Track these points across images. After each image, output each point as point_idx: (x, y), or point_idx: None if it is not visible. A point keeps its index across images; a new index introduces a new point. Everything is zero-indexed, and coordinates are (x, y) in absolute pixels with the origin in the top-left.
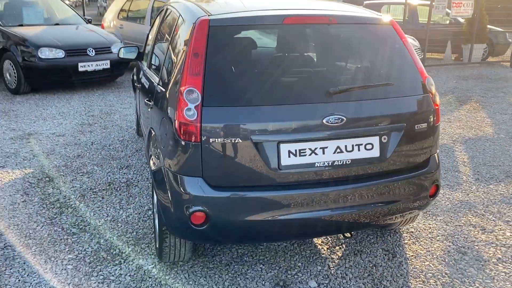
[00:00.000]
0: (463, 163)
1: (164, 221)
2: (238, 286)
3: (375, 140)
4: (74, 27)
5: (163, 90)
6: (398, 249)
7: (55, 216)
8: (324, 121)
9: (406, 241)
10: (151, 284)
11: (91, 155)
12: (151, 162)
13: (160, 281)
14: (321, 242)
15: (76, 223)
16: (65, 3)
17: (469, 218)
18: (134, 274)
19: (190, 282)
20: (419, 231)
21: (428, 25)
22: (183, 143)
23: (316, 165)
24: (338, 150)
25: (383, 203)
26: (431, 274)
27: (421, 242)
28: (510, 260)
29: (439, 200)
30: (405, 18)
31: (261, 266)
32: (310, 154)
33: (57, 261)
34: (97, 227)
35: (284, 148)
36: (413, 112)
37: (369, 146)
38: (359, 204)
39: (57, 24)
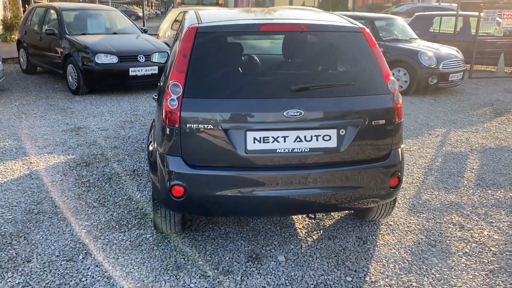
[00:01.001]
0: (471, 170)
1: (154, 194)
2: (217, 255)
3: (333, 132)
4: (130, 36)
5: (162, 86)
6: (371, 237)
7: (83, 193)
8: (284, 113)
9: (381, 232)
10: (145, 249)
11: (125, 147)
12: (150, 146)
13: (153, 247)
14: (302, 227)
15: (98, 199)
16: (125, 16)
17: (453, 217)
18: (134, 240)
19: (177, 249)
20: (397, 224)
21: (475, 36)
22: (167, 128)
23: (277, 151)
24: (298, 140)
25: (341, 189)
26: (393, 260)
27: (395, 234)
28: (475, 254)
29: (429, 199)
30: (456, 30)
31: (241, 241)
32: (272, 142)
33: (75, 226)
34: (115, 203)
35: (250, 135)
36: (371, 109)
37: (327, 138)
38: (317, 188)
39: (115, 33)
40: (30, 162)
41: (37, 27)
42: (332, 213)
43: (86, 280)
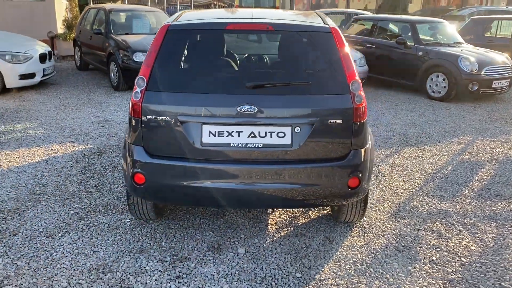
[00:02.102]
0: (479, 179)
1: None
2: (182, 243)
3: (287, 129)
4: None
5: None
6: (339, 238)
7: (85, 179)
8: (238, 109)
9: (352, 233)
10: (119, 232)
11: None
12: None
13: (127, 231)
14: (274, 223)
15: (97, 185)
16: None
17: (435, 225)
18: (112, 223)
19: (148, 235)
20: (372, 228)
21: None
22: (132, 119)
23: (231, 145)
24: (252, 135)
25: (295, 186)
26: (352, 261)
27: (366, 236)
28: (442, 263)
29: (418, 206)
30: None
31: (210, 232)
32: (227, 136)
33: (66, 208)
34: (110, 190)
35: (206, 128)
36: (328, 109)
37: (281, 134)
38: (270, 183)
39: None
40: (51, 149)
41: (89, 27)
42: (309, 212)
43: (56, 255)
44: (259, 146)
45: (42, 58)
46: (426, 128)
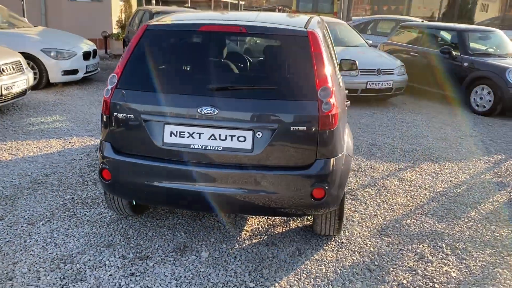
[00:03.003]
0: (493, 202)
1: None
2: (150, 242)
3: (248, 134)
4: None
5: None
6: (310, 251)
7: (87, 172)
8: (198, 110)
9: (326, 247)
10: (96, 225)
11: None
12: None
13: (103, 225)
14: (250, 229)
15: (95, 179)
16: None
17: (421, 246)
18: (93, 216)
19: (121, 231)
20: (350, 243)
21: None
22: (103, 115)
23: (191, 147)
24: (212, 137)
25: (254, 192)
26: (314, 276)
27: (339, 252)
28: (410, 287)
29: (411, 225)
30: None
31: (182, 233)
32: (188, 137)
33: (58, 198)
34: None
35: (168, 128)
36: (292, 115)
37: (241, 139)
38: (229, 188)
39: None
40: (69, 142)
41: (135, 28)
42: (290, 222)
43: (30, 242)
44: (218, 149)
45: (86, 55)
46: (456, 143)
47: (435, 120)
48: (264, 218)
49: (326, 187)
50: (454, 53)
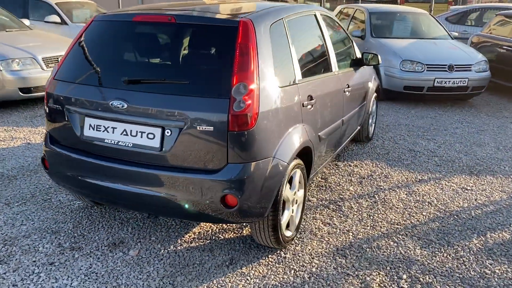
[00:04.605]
0: (507, 230)
1: None
2: (95, 233)
3: (157, 131)
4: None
5: None
6: (243, 263)
7: None
8: (110, 103)
9: (262, 261)
10: (59, 212)
11: None
12: None
13: (66, 212)
14: (198, 232)
15: None
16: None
17: (374, 273)
18: (65, 203)
19: (77, 219)
20: (291, 260)
21: None
22: (44, 106)
23: (105, 141)
24: (124, 133)
25: (163, 194)
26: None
27: (273, 268)
28: None
29: (382, 247)
30: None
31: (129, 228)
32: (103, 131)
33: (45, 183)
34: None
35: (87, 121)
36: (198, 113)
37: (151, 136)
38: (137, 187)
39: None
40: None
41: None
42: (244, 228)
43: None
44: (128, 145)
45: None
46: None
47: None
48: None
49: (239, 195)
50: None
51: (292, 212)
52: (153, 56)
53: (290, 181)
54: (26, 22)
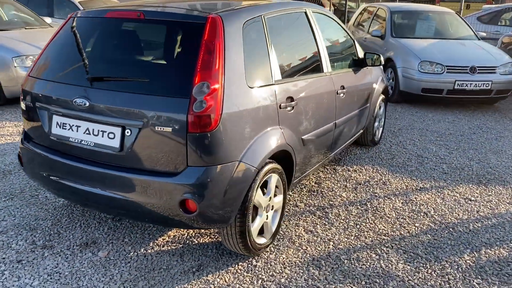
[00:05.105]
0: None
1: None
2: (71, 232)
3: (117, 131)
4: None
5: None
6: (210, 270)
7: None
8: (73, 101)
9: (232, 269)
10: (45, 208)
11: None
12: None
13: (49, 209)
14: (173, 235)
15: None
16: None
17: (352, 287)
18: (51, 199)
19: (57, 216)
20: (263, 269)
21: None
22: (20, 103)
23: (70, 140)
24: (87, 132)
25: (121, 195)
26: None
27: (240, 277)
28: None
29: (362, 259)
30: None
31: (105, 228)
32: (68, 129)
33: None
34: None
35: (55, 119)
36: (157, 113)
37: (111, 135)
38: (99, 188)
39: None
40: None
41: None
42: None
43: None
44: (91, 144)
45: None
46: None
47: None
48: None
49: (199, 200)
50: None
51: (267, 219)
52: (120, 53)
53: (265, 186)
54: (48, 20)
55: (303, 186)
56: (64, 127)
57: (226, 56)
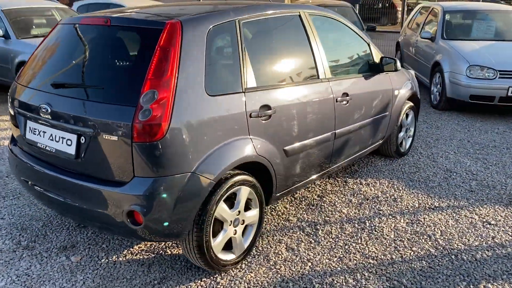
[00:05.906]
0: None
1: None
2: (57, 234)
3: (73, 137)
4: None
5: None
6: (171, 283)
7: None
8: (39, 107)
9: (194, 284)
10: (38, 209)
11: None
12: None
13: (40, 209)
14: (150, 244)
15: None
16: None
17: None
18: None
19: (49, 218)
20: (222, 285)
21: None
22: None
23: (38, 145)
24: (51, 138)
25: (75, 203)
26: None
27: (211, 284)
28: None
29: (336, 284)
30: None
31: (89, 233)
32: (37, 134)
33: None
34: None
35: (28, 124)
36: (104, 120)
37: (69, 142)
38: (58, 195)
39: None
40: None
41: None
42: None
43: None
44: (52, 150)
45: None
46: None
47: None
48: None
49: (144, 212)
50: None
51: (235, 234)
52: (85, 59)
53: (233, 199)
54: None
55: (303, 199)
56: (34, 132)
57: (181, 63)
